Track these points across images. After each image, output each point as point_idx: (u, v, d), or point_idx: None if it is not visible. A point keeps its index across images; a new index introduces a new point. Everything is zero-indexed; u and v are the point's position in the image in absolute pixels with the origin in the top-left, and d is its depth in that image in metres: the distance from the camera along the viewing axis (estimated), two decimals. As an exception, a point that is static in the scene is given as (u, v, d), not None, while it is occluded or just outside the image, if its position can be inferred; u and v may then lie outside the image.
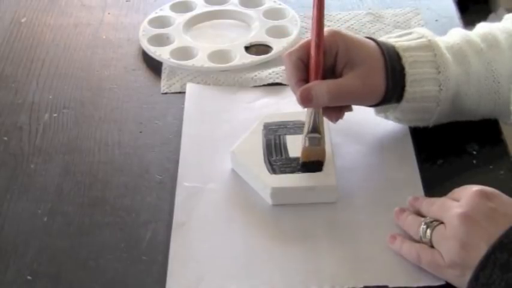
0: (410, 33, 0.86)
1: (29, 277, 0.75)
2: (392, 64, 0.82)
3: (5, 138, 0.92)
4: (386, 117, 0.88)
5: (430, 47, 0.83)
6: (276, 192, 0.80)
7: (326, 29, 0.82)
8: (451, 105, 0.85)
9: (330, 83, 0.80)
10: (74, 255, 0.77)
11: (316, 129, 0.81)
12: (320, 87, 0.79)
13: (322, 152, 0.81)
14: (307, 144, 0.81)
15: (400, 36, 0.86)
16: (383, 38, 0.85)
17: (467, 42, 0.86)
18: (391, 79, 0.81)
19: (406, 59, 0.82)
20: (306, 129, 0.81)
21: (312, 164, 0.81)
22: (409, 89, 0.82)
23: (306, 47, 0.82)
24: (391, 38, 0.85)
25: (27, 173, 0.87)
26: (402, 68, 0.82)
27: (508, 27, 0.88)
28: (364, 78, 0.80)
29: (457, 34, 0.88)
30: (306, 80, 0.81)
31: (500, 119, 0.89)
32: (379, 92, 0.82)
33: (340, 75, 0.81)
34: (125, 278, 0.74)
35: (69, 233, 0.79)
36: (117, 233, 0.79)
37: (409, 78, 0.82)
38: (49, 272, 0.75)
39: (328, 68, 0.82)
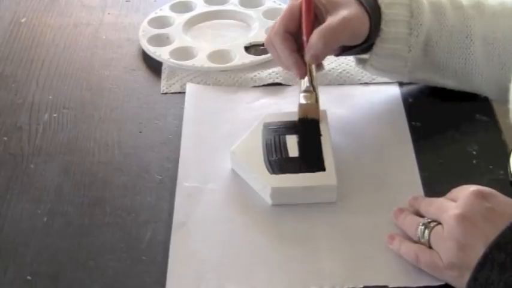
0: None
1: (29, 277, 0.75)
2: (369, 4, 0.84)
3: (5, 138, 0.92)
4: (364, 68, 0.91)
5: None
6: (276, 192, 0.80)
7: None
8: (423, 54, 0.87)
9: (318, 29, 0.83)
10: (74, 255, 0.77)
11: (310, 86, 0.84)
12: (312, 37, 0.82)
13: (317, 109, 0.85)
14: (303, 100, 0.84)
15: None
16: None
17: None
18: (372, 14, 0.84)
19: (382, 0, 0.85)
20: (301, 88, 0.84)
21: (309, 121, 0.84)
22: (384, 28, 0.85)
23: (288, 17, 0.85)
24: None
25: (27, 173, 0.87)
26: (379, 8, 0.85)
27: None
28: (347, 13, 0.83)
29: None
30: (297, 50, 0.84)
31: (473, 85, 0.90)
32: (364, 24, 0.84)
33: None
34: (125, 278, 0.74)
35: (69, 233, 0.79)
36: (117, 233, 0.79)
37: (384, 18, 0.85)
38: (49, 272, 0.75)
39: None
